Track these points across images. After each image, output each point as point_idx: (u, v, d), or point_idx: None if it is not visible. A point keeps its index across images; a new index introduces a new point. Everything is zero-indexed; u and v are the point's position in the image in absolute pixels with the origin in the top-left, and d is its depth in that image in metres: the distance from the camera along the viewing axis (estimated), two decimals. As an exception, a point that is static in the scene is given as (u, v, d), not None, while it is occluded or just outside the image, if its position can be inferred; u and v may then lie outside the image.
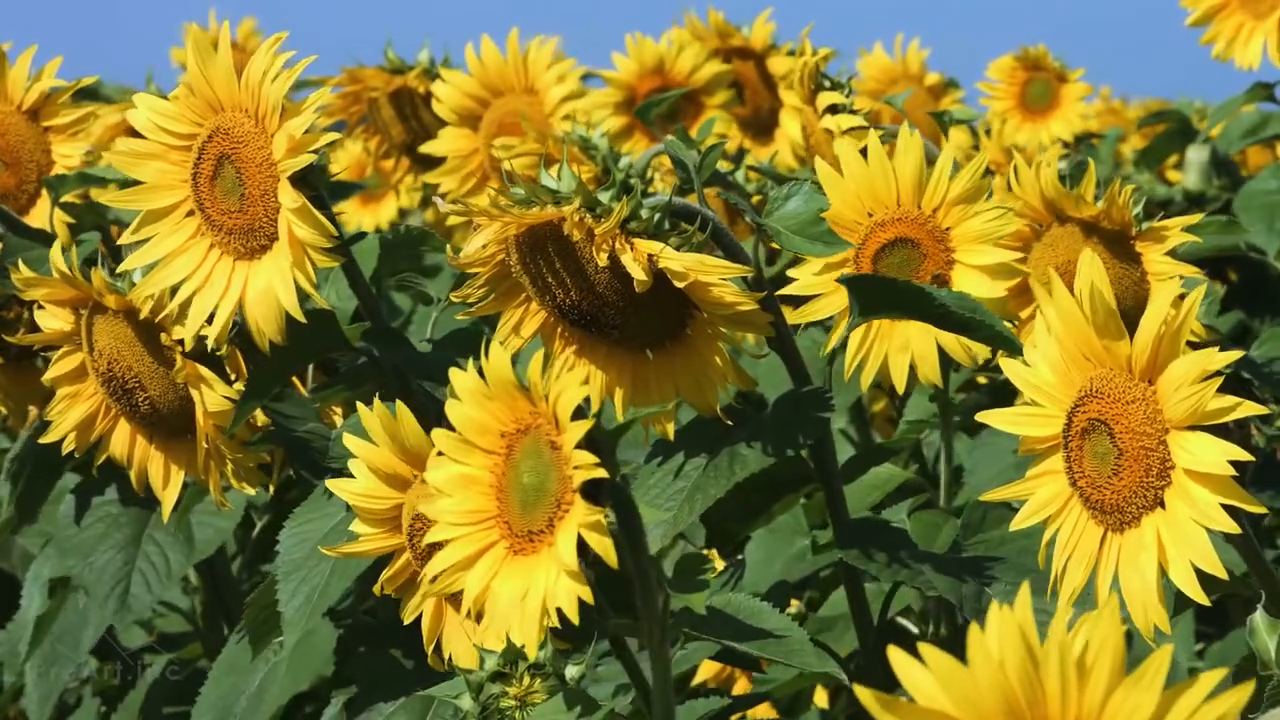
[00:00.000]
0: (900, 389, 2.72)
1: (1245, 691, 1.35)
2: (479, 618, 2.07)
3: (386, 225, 5.34)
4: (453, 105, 4.07)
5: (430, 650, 2.37)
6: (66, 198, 3.19)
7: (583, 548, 1.97)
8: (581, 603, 1.97)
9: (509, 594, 2.02)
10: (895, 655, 1.37)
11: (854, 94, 3.08)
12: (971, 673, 1.37)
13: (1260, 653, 2.17)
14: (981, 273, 2.67)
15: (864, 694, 1.37)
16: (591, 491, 1.99)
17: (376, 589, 2.37)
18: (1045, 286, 2.06)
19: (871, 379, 2.72)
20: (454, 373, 2.06)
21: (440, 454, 2.08)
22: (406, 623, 2.38)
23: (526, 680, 2.12)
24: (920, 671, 1.37)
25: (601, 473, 1.97)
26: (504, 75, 4.04)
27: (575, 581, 1.97)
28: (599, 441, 2.00)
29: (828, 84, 3.08)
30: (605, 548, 1.97)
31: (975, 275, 2.66)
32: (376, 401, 2.26)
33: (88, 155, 3.25)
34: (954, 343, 2.69)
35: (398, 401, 2.27)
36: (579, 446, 1.98)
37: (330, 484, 2.34)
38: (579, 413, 1.98)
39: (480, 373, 2.04)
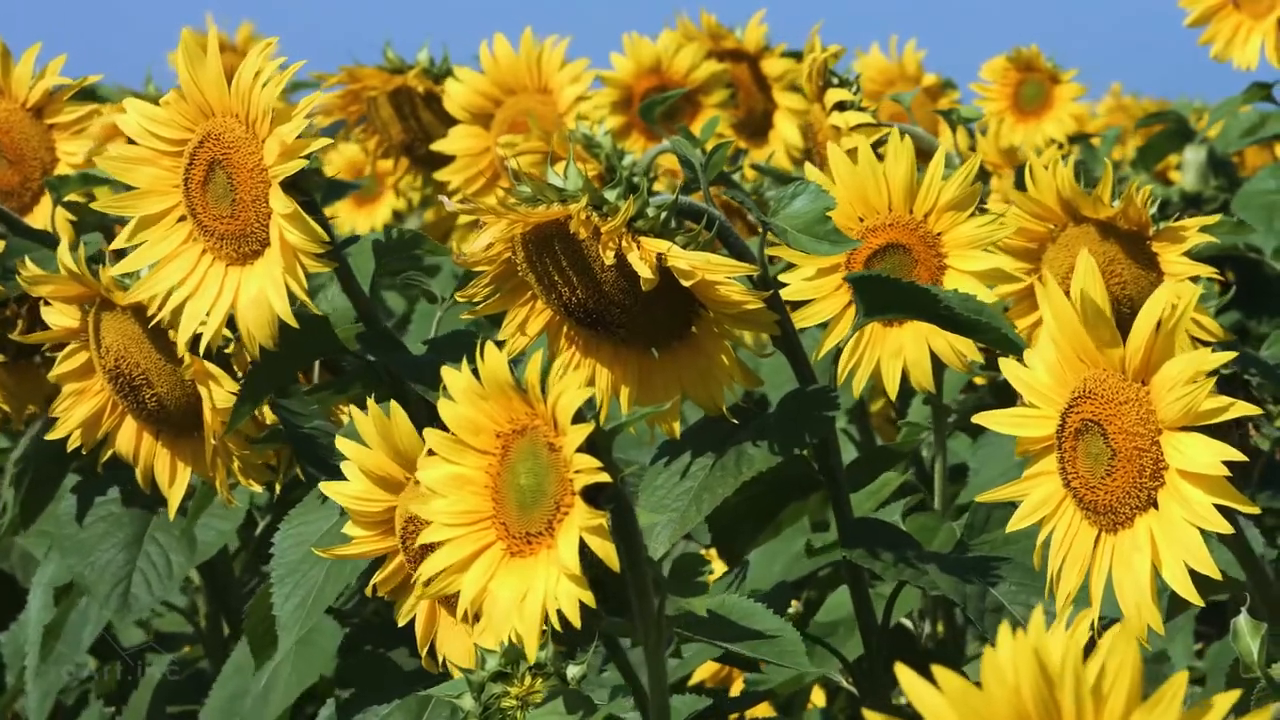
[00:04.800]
0: (893, 395, 2.72)
1: (1264, 715, 1.34)
2: (475, 619, 2.07)
3: (380, 227, 5.32)
4: (464, 103, 4.06)
5: (424, 653, 2.36)
6: (70, 197, 3.19)
7: (581, 550, 1.97)
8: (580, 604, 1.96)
9: (507, 596, 2.02)
10: (904, 674, 1.35)
11: (861, 91, 3.08)
12: (985, 695, 1.36)
13: (1244, 655, 2.17)
14: (974, 278, 2.66)
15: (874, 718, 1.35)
16: (592, 495, 1.98)
17: (368, 591, 2.36)
18: (1043, 287, 2.06)
19: (864, 385, 2.72)
20: (448, 372, 2.05)
21: (433, 454, 2.07)
22: (401, 625, 2.37)
23: (528, 680, 2.11)
24: (931, 692, 1.35)
25: (604, 477, 1.96)
26: (517, 74, 4.03)
27: (576, 585, 1.96)
28: (598, 444, 1.99)
29: (835, 81, 3.07)
30: (607, 551, 1.96)
31: (967, 280, 2.66)
32: (370, 404, 2.26)
33: (92, 153, 3.24)
34: (946, 348, 2.68)
35: (391, 403, 2.27)
36: (580, 449, 1.97)
37: (323, 487, 2.34)
38: (579, 415, 1.97)
39: (475, 372, 2.03)
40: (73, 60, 3.23)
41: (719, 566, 3.24)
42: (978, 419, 2.19)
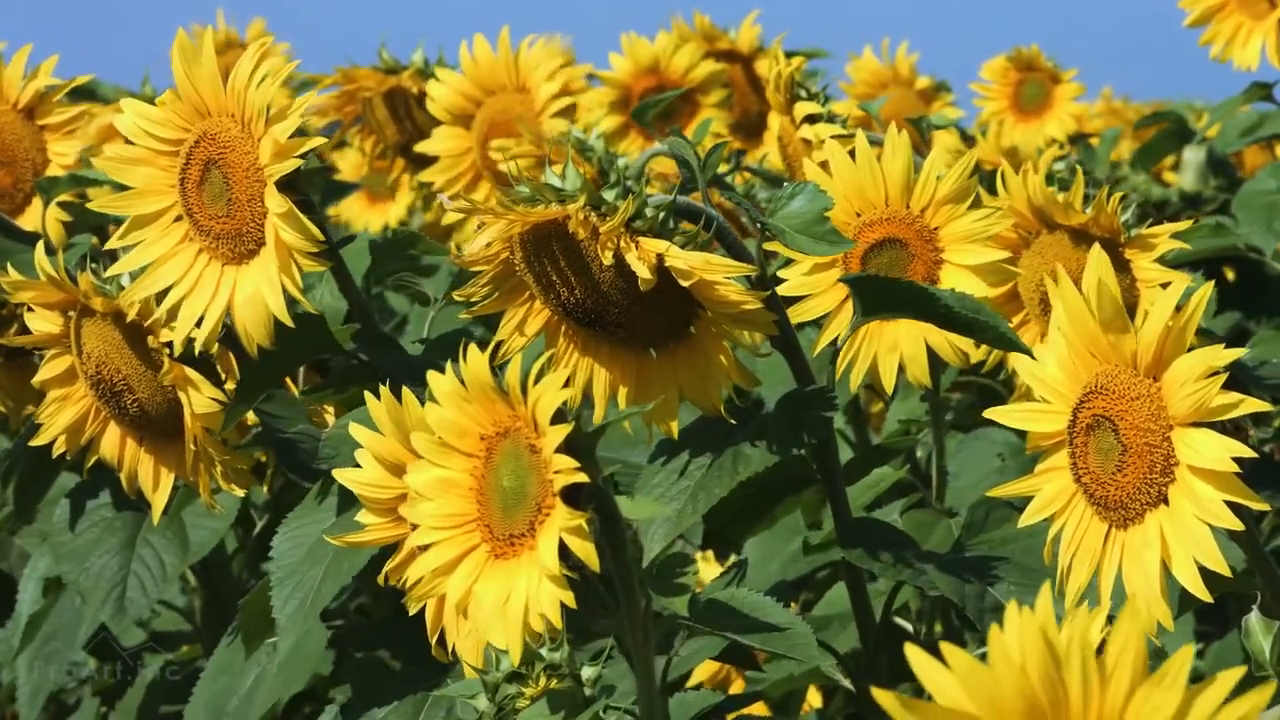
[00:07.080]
0: (889, 390, 2.72)
1: (1267, 691, 1.35)
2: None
3: (395, 224, 5.32)
4: (446, 104, 4.07)
5: (434, 642, 2.35)
6: (63, 198, 3.18)
7: (564, 551, 1.97)
8: (571, 601, 1.96)
9: (491, 598, 2.02)
10: (914, 654, 1.36)
11: (830, 100, 3.08)
12: (993, 673, 1.36)
13: (1255, 654, 2.17)
14: (970, 272, 2.66)
15: (884, 696, 1.36)
16: (572, 495, 1.98)
17: (380, 579, 2.36)
18: (1055, 283, 2.06)
19: (861, 380, 2.72)
20: (432, 375, 2.05)
21: (420, 458, 2.07)
22: (411, 614, 2.37)
23: (543, 680, 2.11)
24: (941, 672, 1.36)
25: (582, 477, 1.97)
26: (496, 74, 4.04)
27: (557, 586, 1.96)
28: (579, 445, 1.99)
29: (804, 94, 3.07)
30: (587, 552, 1.96)
31: (964, 275, 2.66)
32: (384, 390, 2.25)
33: (83, 153, 3.24)
34: (943, 343, 2.68)
35: (404, 390, 2.26)
36: (559, 450, 1.97)
37: (337, 474, 2.33)
38: (559, 416, 1.97)
39: (458, 376, 2.03)
40: (71, 60, 3.24)
41: (713, 567, 3.24)
42: (988, 414, 2.19)
